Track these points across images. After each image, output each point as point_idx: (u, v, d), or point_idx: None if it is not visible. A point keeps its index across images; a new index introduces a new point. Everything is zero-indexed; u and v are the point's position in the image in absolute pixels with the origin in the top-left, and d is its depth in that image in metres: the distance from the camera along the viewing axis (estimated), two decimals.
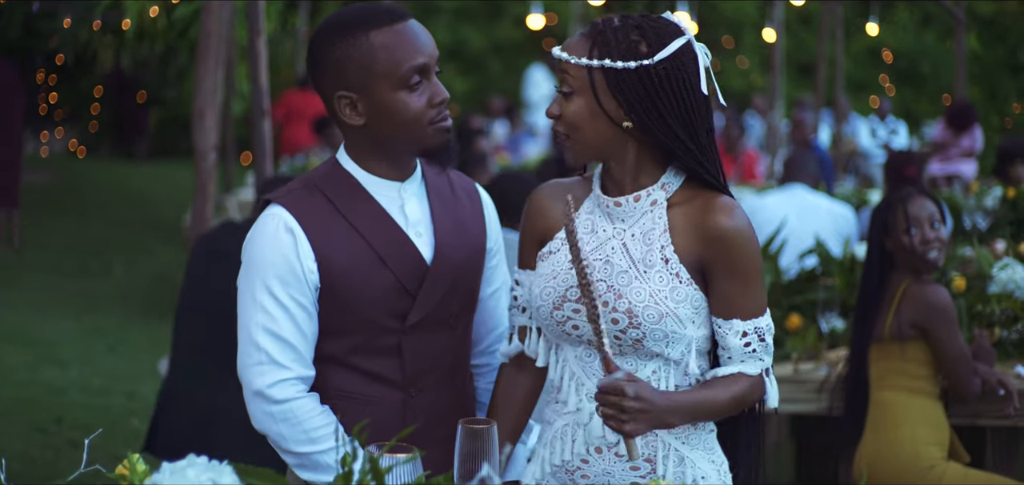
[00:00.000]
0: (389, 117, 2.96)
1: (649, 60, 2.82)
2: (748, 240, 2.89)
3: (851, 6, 19.08)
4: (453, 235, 3.14)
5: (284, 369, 2.97)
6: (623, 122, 2.87)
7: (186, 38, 11.09)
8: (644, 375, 2.93)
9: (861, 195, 9.98)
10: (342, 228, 3.00)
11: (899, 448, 4.85)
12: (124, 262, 13.72)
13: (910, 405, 4.88)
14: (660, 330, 2.88)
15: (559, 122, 2.93)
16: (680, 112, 2.86)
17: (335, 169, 3.08)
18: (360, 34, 2.94)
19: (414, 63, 2.95)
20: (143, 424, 7.52)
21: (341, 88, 2.96)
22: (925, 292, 4.88)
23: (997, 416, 5.05)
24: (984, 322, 5.48)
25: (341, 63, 2.94)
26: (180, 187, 17.32)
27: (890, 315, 4.89)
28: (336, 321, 3.03)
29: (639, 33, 2.85)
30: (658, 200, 2.95)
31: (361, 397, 3.05)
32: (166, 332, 10.33)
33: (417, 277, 3.05)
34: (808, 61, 20.56)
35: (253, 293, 2.98)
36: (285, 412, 2.97)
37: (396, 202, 3.07)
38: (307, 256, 2.96)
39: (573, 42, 2.91)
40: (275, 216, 2.99)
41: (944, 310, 4.86)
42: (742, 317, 2.92)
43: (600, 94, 2.86)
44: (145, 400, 8.32)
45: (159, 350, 9.69)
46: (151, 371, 9.11)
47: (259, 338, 2.96)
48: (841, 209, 7.59)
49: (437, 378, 3.13)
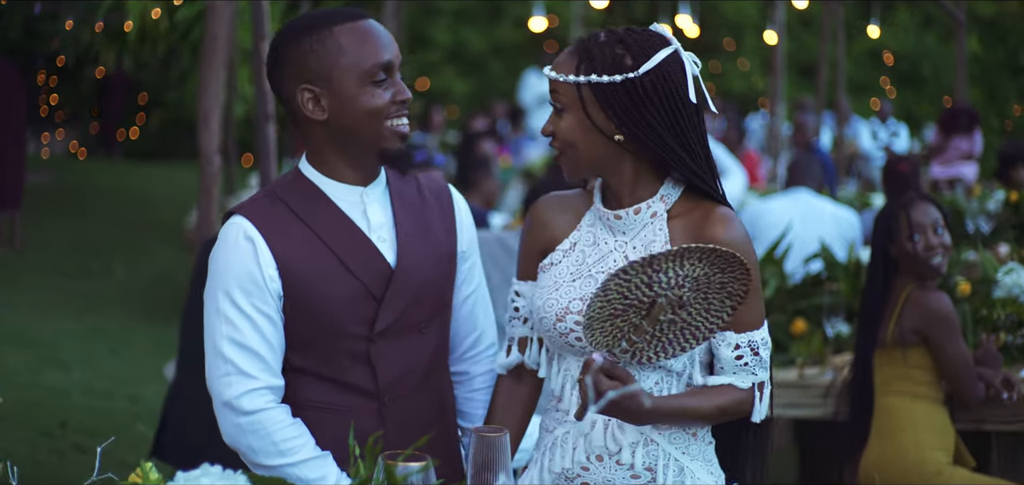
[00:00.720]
0: (352, 110, 2.96)
1: (634, 72, 2.87)
2: (743, 252, 2.88)
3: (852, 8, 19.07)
4: (418, 239, 3.12)
5: (252, 379, 2.96)
6: (614, 135, 2.91)
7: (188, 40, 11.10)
8: (647, 386, 2.96)
9: (864, 198, 9.98)
10: (303, 235, 2.99)
11: (904, 453, 4.84)
12: (124, 263, 13.72)
13: (914, 410, 4.88)
14: None
15: (554, 139, 2.97)
16: (669, 121, 2.89)
17: (297, 177, 3.08)
18: (325, 30, 2.96)
19: (380, 59, 2.97)
20: (148, 429, 7.51)
21: (304, 82, 2.96)
22: (927, 299, 4.87)
23: (1002, 421, 5.06)
24: (989, 327, 5.48)
25: (305, 57, 2.95)
26: (181, 189, 17.32)
27: (892, 321, 4.88)
28: (303, 331, 3.01)
29: (623, 46, 2.90)
30: (658, 212, 2.98)
31: (335, 408, 3.04)
32: (167, 334, 10.37)
33: (382, 282, 3.04)
34: (809, 63, 20.56)
35: (216, 304, 2.97)
36: (254, 424, 2.96)
37: (358, 207, 3.07)
38: (268, 264, 2.95)
39: (561, 60, 2.95)
40: (235, 225, 2.99)
41: (945, 318, 4.85)
42: (736, 330, 2.95)
43: (590, 109, 2.90)
44: (149, 404, 8.33)
45: (160, 353, 9.70)
46: (153, 374, 9.12)
47: (225, 349, 2.95)
48: (845, 213, 7.58)
49: (411, 385, 3.12)
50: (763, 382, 3.00)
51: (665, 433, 2.99)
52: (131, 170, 20.09)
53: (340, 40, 2.95)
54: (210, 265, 3.01)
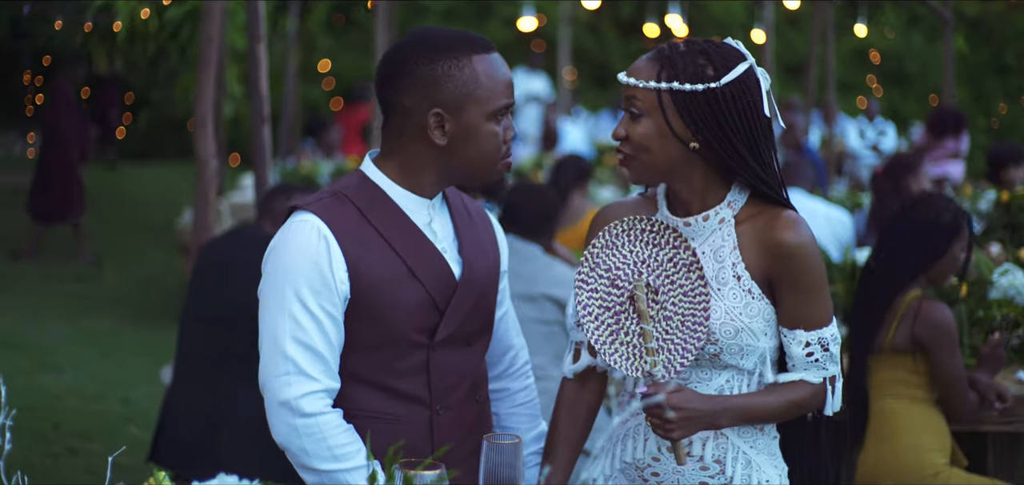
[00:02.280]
0: (474, 145, 2.97)
1: (716, 83, 2.93)
2: (810, 254, 2.99)
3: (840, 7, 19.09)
4: (477, 253, 3.15)
5: (312, 381, 2.93)
6: (690, 143, 2.95)
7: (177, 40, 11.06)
8: (717, 384, 3.04)
9: (855, 198, 9.99)
10: (373, 239, 2.98)
11: (902, 456, 4.85)
12: (115, 265, 13.69)
13: (912, 413, 4.88)
14: (736, 345, 2.99)
15: (625, 143, 3.00)
16: (745, 133, 2.96)
17: (364, 181, 3.06)
18: (463, 56, 2.96)
19: (507, 99, 3.00)
20: (141, 431, 7.51)
21: (436, 105, 2.95)
22: (931, 310, 4.85)
23: (999, 422, 5.06)
24: (985, 328, 5.49)
25: (441, 80, 2.94)
26: (170, 189, 17.30)
27: (893, 327, 4.87)
28: (365, 336, 2.99)
29: (705, 57, 2.95)
30: (726, 218, 3.04)
31: (388, 417, 3.03)
32: (159, 337, 10.36)
33: (447, 292, 3.04)
34: (796, 62, 20.59)
35: (282, 302, 2.93)
36: (311, 427, 2.92)
37: (425, 218, 3.07)
38: (339, 265, 2.93)
39: (640, 66, 2.99)
40: (307, 223, 2.95)
41: (948, 331, 4.84)
42: (805, 327, 3.00)
43: (669, 116, 2.94)
44: (140, 406, 8.32)
45: (151, 355, 9.68)
46: (145, 377, 9.10)
47: (288, 348, 2.92)
48: (838, 214, 7.60)
49: (460, 396, 3.13)
50: (834, 376, 3.07)
51: (734, 427, 3.05)
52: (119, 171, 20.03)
53: (477, 70, 2.96)
54: (273, 260, 2.98)
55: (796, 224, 2.99)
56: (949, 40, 15.09)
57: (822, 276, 3.02)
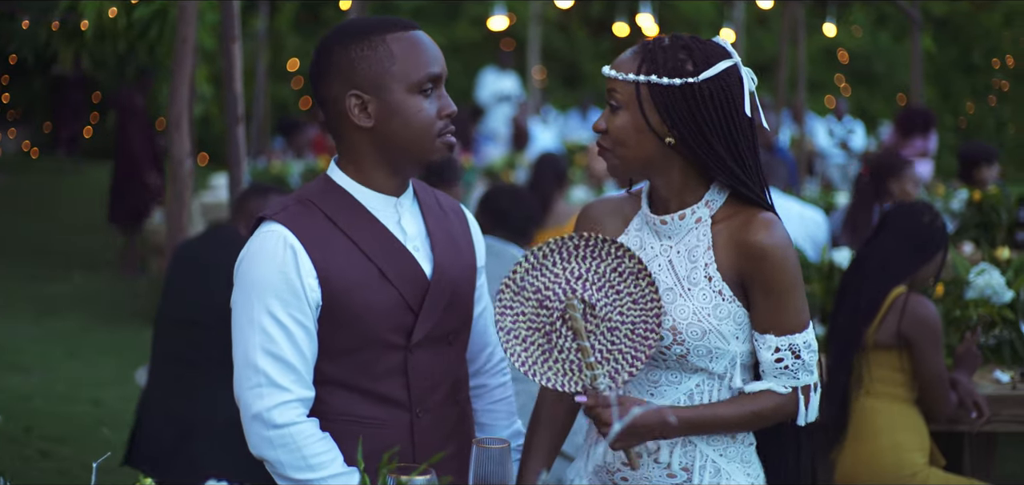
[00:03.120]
0: (400, 120, 2.93)
1: (694, 78, 2.89)
2: (784, 257, 2.92)
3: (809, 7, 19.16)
4: (449, 251, 3.11)
5: (284, 391, 2.90)
6: (666, 138, 2.92)
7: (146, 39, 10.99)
8: (687, 388, 3.00)
9: (828, 198, 10.01)
10: (342, 244, 2.95)
11: (881, 456, 4.85)
12: (81, 264, 13.61)
13: (891, 411, 4.88)
14: (703, 346, 2.94)
15: (604, 136, 2.98)
16: (723, 131, 2.91)
17: (328, 184, 3.03)
18: (377, 36, 2.92)
19: (430, 70, 2.94)
20: (113, 433, 7.46)
21: (353, 87, 2.92)
22: (917, 304, 4.85)
23: (976, 421, 5.07)
24: (962, 328, 5.50)
25: (356, 63, 2.92)
26: None
27: (877, 322, 4.87)
28: (340, 341, 2.96)
29: (686, 52, 2.92)
30: (702, 218, 3.00)
31: (368, 420, 2.99)
32: (128, 337, 10.31)
33: (419, 293, 3.01)
34: (765, 62, 20.65)
35: (251, 313, 2.90)
36: (284, 437, 2.89)
37: (393, 217, 3.03)
38: (308, 273, 2.89)
39: (623, 59, 2.97)
40: (273, 233, 2.92)
41: (934, 328, 4.84)
42: (776, 332, 2.94)
43: (645, 109, 2.91)
44: (112, 408, 8.27)
45: (122, 356, 9.63)
46: (116, 378, 9.05)
47: (258, 360, 2.89)
48: (813, 213, 7.60)
49: (440, 398, 3.09)
50: (808, 385, 3.00)
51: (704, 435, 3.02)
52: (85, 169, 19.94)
53: (392, 48, 2.92)
54: (242, 272, 2.95)
55: (771, 225, 2.93)
56: (917, 39, 15.16)
57: (796, 279, 2.95)
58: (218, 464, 4.73)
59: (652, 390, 3.04)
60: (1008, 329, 5.49)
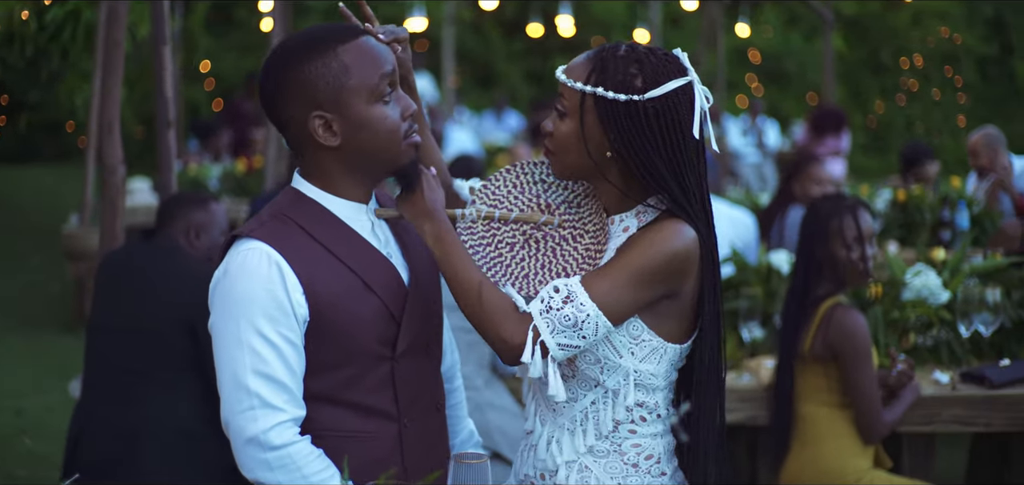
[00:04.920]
0: (367, 133, 2.86)
1: (640, 96, 2.84)
2: (650, 241, 2.85)
3: (722, 7, 19.30)
4: (420, 256, 3.08)
5: (279, 412, 2.81)
6: (606, 152, 2.90)
7: (58, 41, 10.81)
8: (583, 406, 2.97)
9: (752, 199, 10.06)
10: (323, 257, 2.88)
11: (825, 461, 4.85)
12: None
13: (833, 418, 4.87)
14: (593, 354, 2.91)
15: (549, 139, 2.97)
16: (666, 151, 2.87)
17: (298, 197, 2.96)
18: (328, 51, 2.83)
19: (383, 71, 2.86)
20: (37, 444, 7.33)
21: (316, 108, 2.84)
22: (843, 316, 4.81)
23: (915, 423, 5.09)
24: (899, 329, 5.54)
25: (312, 82, 2.82)
26: (49, 193, 16.94)
27: (811, 335, 4.86)
28: (326, 356, 2.89)
29: (638, 66, 2.88)
30: (630, 227, 2.97)
31: (356, 434, 2.93)
32: (46, 345, 10.14)
33: (399, 300, 2.96)
34: None
35: (238, 334, 2.81)
36: (282, 458, 2.81)
37: (366, 225, 2.98)
38: (295, 289, 2.82)
39: (575, 65, 2.94)
40: (256, 250, 2.83)
41: (856, 340, 4.79)
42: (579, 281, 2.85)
43: (588, 120, 2.89)
44: (35, 417, 8.12)
45: (41, 364, 9.47)
46: (35, 387, 8.89)
47: (249, 382, 2.79)
48: (741, 215, 7.61)
49: (424, 407, 3.06)
50: (541, 336, 2.83)
51: (601, 461, 2.98)
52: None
53: (345, 60, 2.82)
54: (224, 292, 2.85)
55: (674, 227, 2.86)
56: (828, 39, 15.32)
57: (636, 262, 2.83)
58: (167, 472, 4.67)
59: (554, 405, 3.02)
60: (945, 330, 5.53)
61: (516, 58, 24.77)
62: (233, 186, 12.48)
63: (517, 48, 24.69)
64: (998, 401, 5.10)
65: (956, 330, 5.46)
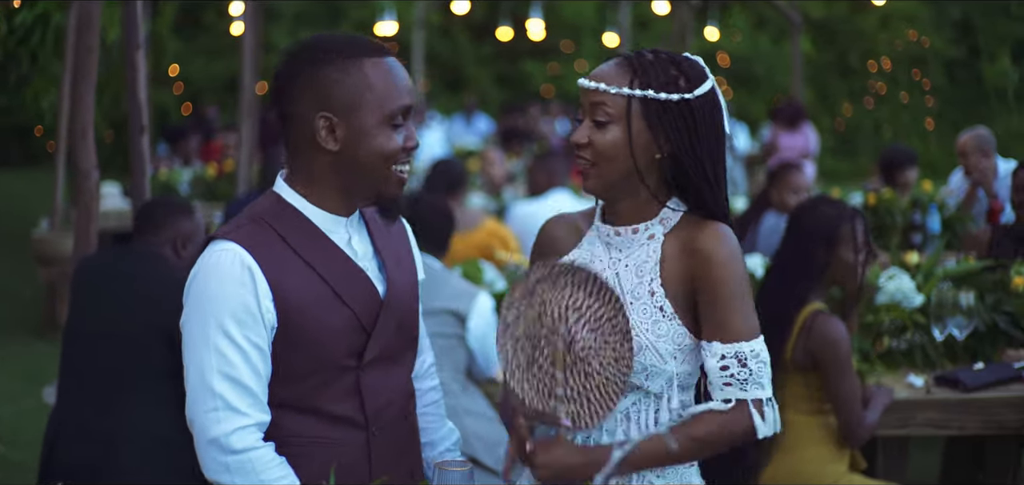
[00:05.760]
0: (366, 148, 2.86)
1: (690, 94, 2.86)
2: (730, 261, 2.88)
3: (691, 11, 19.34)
4: (398, 269, 3.09)
5: (242, 415, 2.83)
6: (655, 154, 2.89)
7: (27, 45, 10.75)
8: (623, 408, 2.95)
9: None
10: (297, 265, 2.89)
11: (801, 467, 4.86)
12: None
13: (812, 425, 4.87)
14: (639, 363, 2.89)
15: (586, 149, 2.92)
16: (711, 148, 2.90)
17: (279, 203, 2.96)
18: (352, 60, 2.86)
19: (403, 102, 2.89)
20: (9, 451, 7.28)
21: (324, 109, 2.85)
22: (824, 324, 4.80)
23: (890, 426, 5.11)
24: (873, 333, 5.55)
25: (330, 84, 2.85)
26: (15, 197, 16.87)
27: (792, 343, 4.84)
28: (293, 363, 2.90)
29: (676, 68, 2.89)
30: (656, 234, 2.97)
31: (323, 441, 2.94)
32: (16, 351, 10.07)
33: (372, 312, 2.97)
34: None
35: (206, 335, 2.83)
36: (242, 462, 2.82)
37: (344, 237, 2.99)
38: (265, 295, 2.83)
39: (607, 72, 2.92)
40: (230, 252, 2.84)
41: (837, 347, 4.78)
42: (722, 340, 2.89)
43: (635, 124, 2.88)
44: (6, 424, 8.06)
45: (11, 370, 9.40)
46: (6, 393, 8.83)
47: (215, 383, 2.81)
48: None
49: (393, 415, 3.06)
50: (760, 399, 2.91)
51: None
52: None
53: (368, 74, 2.85)
54: (195, 292, 2.87)
55: (722, 232, 2.90)
56: (796, 41, 15.35)
57: (742, 286, 2.91)
58: (143, 479, 4.64)
59: None
60: (919, 333, 5.55)
61: (486, 61, 24.77)
62: (203, 191, 12.44)
63: (487, 51, 24.69)
64: (972, 404, 5.12)
65: (930, 334, 5.47)
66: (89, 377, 4.80)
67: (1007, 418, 5.13)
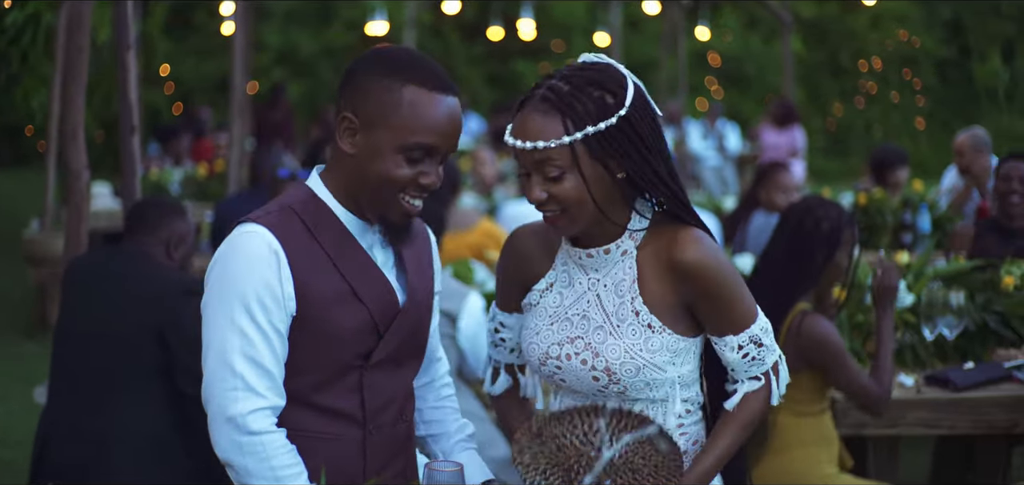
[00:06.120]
0: (375, 168, 2.86)
1: (623, 109, 2.82)
2: (718, 264, 2.91)
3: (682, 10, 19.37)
4: (419, 277, 3.10)
5: (260, 397, 2.84)
6: (610, 181, 2.86)
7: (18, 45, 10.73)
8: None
9: (714, 202, 10.10)
10: (321, 259, 2.90)
11: (790, 467, 4.85)
12: None
13: (801, 426, 4.87)
14: (640, 381, 2.93)
15: (549, 203, 2.88)
16: (659, 147, 2.88)
17: (311, 197, 2.97)
18: (401, 79, 2.84)
19: (426, 140, 2.84)
20: (1, 451, 7.27)
21: (352, 110, 2.86)
22: (812, 325, 4.78)
23: (881, 426, 5.11)
24: (864, 332, 5.55)
25: (366, 91, 2.85)
26: (8, 197, 16.86)
27: (780, 344, 4.79)
28: (302, 357, 2.92)
29: (598, 88, 2.84)
30: (628, 250, 2.97)
31: (320, 436, 2.95)
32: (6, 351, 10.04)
33: (389, 317, 2.98)
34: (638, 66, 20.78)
35: (231, 315, 2.83)
36: (255, 444, 2.83)
37: (368, 239, 3.00)
38: (288, 282, 2.85)
39: (538, 125, 2.84)
40: (257, 235, 2.85)
41: (830, 343, 4.77)
42: (734, 331, 2.96)
43: (584, 163, 2.82)
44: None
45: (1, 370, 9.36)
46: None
47: (236, 363, 2.82)
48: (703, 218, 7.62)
49: (391, 417, 3.07)
50: (776, 363, 3.08)
51: None
52: None
53: (404, 97, 2.83)
54: (219, 272, 2.88)
55: (698, 239, 2.91)
56: (787, 41, 15.37)
57: (735, 279, 2.94)
58: (134, 478, 4.65)
59: None
60: (909, 333, 5.55)
61: (477, 62, 24.77)
62: (195, 191, 12.43)
63: (478, 51, 24.69)
64: (962, 404, 5.12)
65: (920, 333, 5.47)
66: (80, 377, 4.80)
67: (997, 417, 5.13)
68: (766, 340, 3.00)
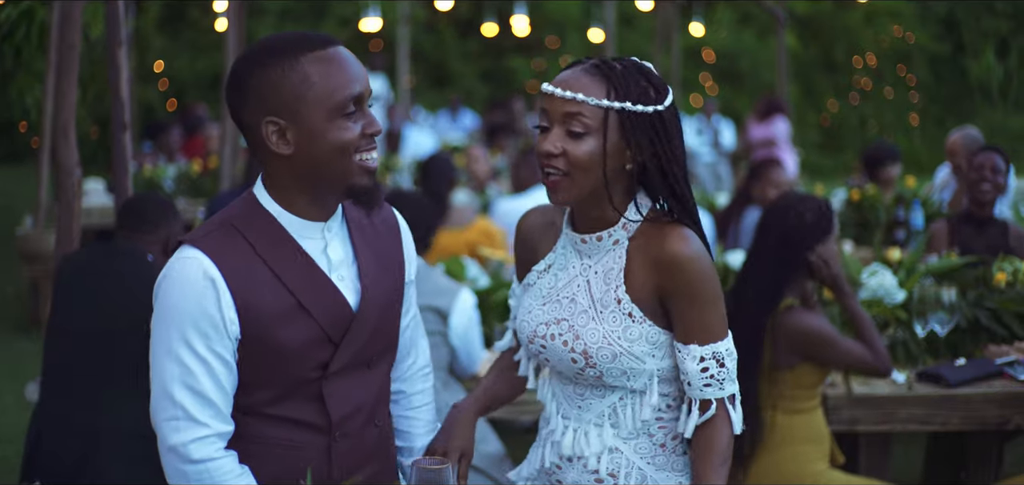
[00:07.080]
0: (319, 147, 2.78)
1: (661, 105, 2.90)
2: (700, 266, 2.91)
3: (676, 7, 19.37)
4: (377, 275, 3.02)
5: (202, 426, 2.80)
6: (626, 164, 2.91)
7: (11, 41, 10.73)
8: (610, 403, 3.03)
9: (709, 199, 10.10)
10: (264, 275, 2.83)
11: (782, 465, 4.85)
12: None
13: (792, 424, 4.87)
14: (616, 368, 2.96)
15: (558, 160, 2.90)
16: (677, 156, 2.92)
17: (254, 208, 2.90)
18: (291, 59, 2.77)
19: (350, 92, 2.79)
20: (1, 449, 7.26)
21: (269, 114, 2.78)
22: (800, 321, 4.78)
23: (872, 423, 5.12)
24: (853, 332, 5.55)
25: (270, 88, 2.77)
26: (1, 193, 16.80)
27: (768, 345, 4.81)
28: (255, 373, 2.86)
29: (645, 78, 2.92)
30: (620, 240, 2.99)
31: (285, 443, 2.91)
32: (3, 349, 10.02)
33: (342, 325, 2.92)
34: None
35: (169, 344, 2.79)
36: (201, 472, 2.80)
37: (319, 244, 2.92)
38: (228, 307, 2.78)
39: (582, 81, 2.90)
40: (194, 261, 2.79)
41: (817, 331, 4.79)
42: (699, 342, 2.94)
43: (611, 135, 2.88)
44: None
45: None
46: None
47: (175, 392, 2.78)
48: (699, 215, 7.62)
49: (360, 422, 3.02)
50: (734, 394, 3.00)
51: (631, 442, 3.04)
52: None
53: (307, 70, 2.76)
54: (160, 298, 2.82)
55: (685, 237, 2.91)
56: (782, 38, 15.38)
57: (715, 289, 2.94)
58: (127, 475, 4.64)
59: (579, 403, 3.08)
60: (901, 329, 5.56)
61: (471, 58, 24.75)
62: (188, 187, 12.42)
63: (472, 47, 24.68)
64: (954, 400, 5.14)
65: (912, 330, 5.49)
66: (73, 373, 4.80)
67: (989, 414, 5.14)
68: (729, 364, 2.97)
